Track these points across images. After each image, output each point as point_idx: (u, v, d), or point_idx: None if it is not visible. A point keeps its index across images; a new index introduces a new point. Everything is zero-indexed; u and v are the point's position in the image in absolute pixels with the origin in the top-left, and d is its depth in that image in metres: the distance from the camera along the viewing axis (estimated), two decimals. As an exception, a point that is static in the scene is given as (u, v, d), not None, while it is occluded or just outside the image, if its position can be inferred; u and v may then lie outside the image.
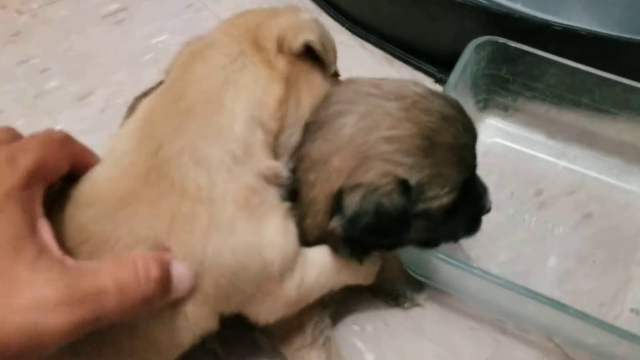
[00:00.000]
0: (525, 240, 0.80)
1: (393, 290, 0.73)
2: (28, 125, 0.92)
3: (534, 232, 0.81)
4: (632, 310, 0.74)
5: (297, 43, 0.54)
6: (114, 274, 0.42)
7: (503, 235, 0.81)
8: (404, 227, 0.55)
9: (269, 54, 0.54)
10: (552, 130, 0.91)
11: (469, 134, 0.58)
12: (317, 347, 0.65)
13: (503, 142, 0.91)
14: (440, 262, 0.66)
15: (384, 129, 0.53)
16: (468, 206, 0.60)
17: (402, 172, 0.53)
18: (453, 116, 0.56)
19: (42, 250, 0.41)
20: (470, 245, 0.79)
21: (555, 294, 0.73)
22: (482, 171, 0.85)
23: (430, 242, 0.62)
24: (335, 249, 0.58)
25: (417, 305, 0.74)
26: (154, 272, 0.43)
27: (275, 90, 0.52)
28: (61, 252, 0.43)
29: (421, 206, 0.55)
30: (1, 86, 0.98)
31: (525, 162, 0.89)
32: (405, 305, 0.74)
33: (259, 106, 0.51)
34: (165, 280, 0.44)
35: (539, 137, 0.91)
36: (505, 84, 0.90)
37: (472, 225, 0.64)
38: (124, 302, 0.42)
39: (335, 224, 0.54)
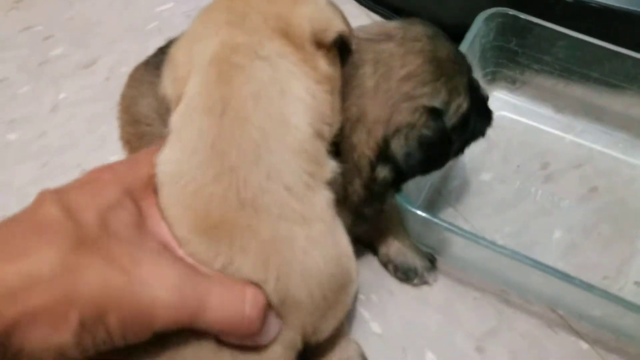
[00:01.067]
0: (531, 213, 0.80)
1: (404, 264, 0.73)
2: (32, 92, 0.92)
3: (540, 205, 0.81)
4: (635, 283, 0.75)
5: (330, 37, 0.51)
6: (222, 289, 0.43)
7: (508, 208, 0.81)
8: (449, 144, 0.63)
9: (306, 53, 0.50)
10: (559, 103, 0.90)
11: (449, 41, 0.64)
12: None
13: (510, 115, 0.91)
14: (446, 232, 0.66)
15: (397, 69, 0.58)
16: (476, 100, 0.66)
17: (427, 102, 0.58)
18: (433, 32, 0.63)
19: (165, 245, 0.44)
20: (475, 216, 0.79)
21: (560, 266, 0.73)
22: (488, 143, 0.86)
23: (461, 148, 0.69)
24: (383, 200, 0.63)
25: (426, 283, 0.74)
26: (259, 305, 0.44)
27: (326, 97, 0.51)
28: (182, 252, 0.45)
29: (453, 120, 0.61)
30: (4, 53, 0.97)
31: (532, 136, 0.88)
32: (415, 281, 0.74)
33: (319, 118, 0.50)
34: (263, 318, 0.45)
35: (546, 111, 0.91)
36: (514, 56, 0.89)
37: (486, 114, 0.70)
38: (221, 321, 0.42)
39: (384, 171, 0.59)
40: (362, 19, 1.06)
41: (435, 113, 0.59)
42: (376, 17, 1.06)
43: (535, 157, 0.86)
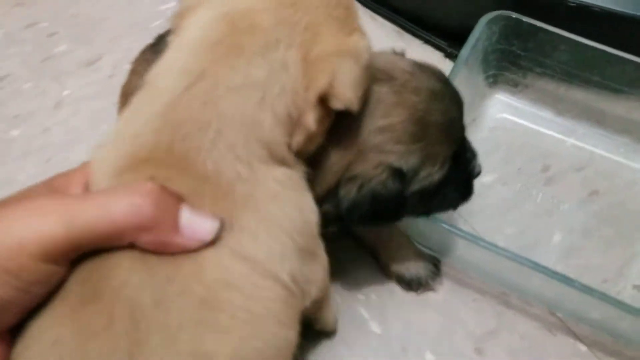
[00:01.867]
0: (532, 215, 0.81)
1: (407, 275, 0.73)
2: (36, 88, 0.92)
3: (541, 207, 0.82)
4: (635, 286, 0.75)
5: (335, 106, 0.48)
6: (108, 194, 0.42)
7: (510, 210, 0.81)
8: (400, 208, 0.58)
9: (309, 93, 0.47)
10: (561, 107, 0.91)
11: (457, 105, 0.60)
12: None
13: (512, 117, 0.91)
14: (447, 233, 0.67)
15: (378, 117, 0.55)
16: (459, 174, 0.62)
17: (395, 160, 0.55)
18: (441, 90, 0.58)
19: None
20: (476, 218, 0.79)
21: (560, 269, 0.73)
22: (490, 146, 0.86)
23: (424, 213, 0.64)
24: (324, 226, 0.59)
25: (431, 290, 0.74)
26: (153, 193, 0.41)
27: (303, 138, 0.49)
28: None
29: (416, 186, 0.57)
30: (8, 49, 0.97)
31: (534, 138, 0.89)
32: (419, 291, 0.74)
33: (286, 138, 0.48)
34: (162, 207, 0.41)
35: (547, 114, 0.91)
36: (516, 59, 0.90)
37: (464, 191, 0.65)
38: (118, 218, 0.40)
39: (327, 207, 0.56)
40: (365, 21, 1.06)
41: (397, 174, 0.55)
42: (380, 19, 1.06)
43: (537, 159, 0.86)
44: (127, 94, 0.74)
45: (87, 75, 0.94)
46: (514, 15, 0.85)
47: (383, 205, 0.56)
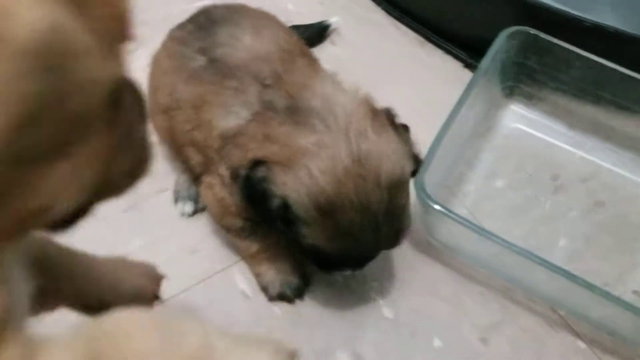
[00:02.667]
0: (539, 220, 0.86)
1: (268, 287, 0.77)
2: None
3: (548, 213, 0.86)
4: (634, 292, 0.79)
5: None
6: None
7: (518, 214, 0.86)
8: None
9: None
10: (572, 121, 0.96)
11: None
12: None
13: (525, 128, 0.96)
14: (460, 227, 0.72)
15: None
16: (330, 264, 0.68)
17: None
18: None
19: None
20: (486, 219, 0.84)
21: (563, 270, 0.78)
22: (503, 153, 0.91)
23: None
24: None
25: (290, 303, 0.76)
26: None
27: None
28: None
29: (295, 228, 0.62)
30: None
31: (545, 149, 0.94)
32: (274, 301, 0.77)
33: None
34: None
35: (559, 127, 0.96)
36: (532, 73, 0.95)
37: (323, 269, 0.70)
38: None
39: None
40: (389, 29, 1.12)
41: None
42: (403, 28, 1.12)
43: (547, 168, 0.91)
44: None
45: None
46: (532, 31, 0.90)
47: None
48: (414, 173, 0.67)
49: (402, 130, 0.66)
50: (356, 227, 0.60)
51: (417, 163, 0.67)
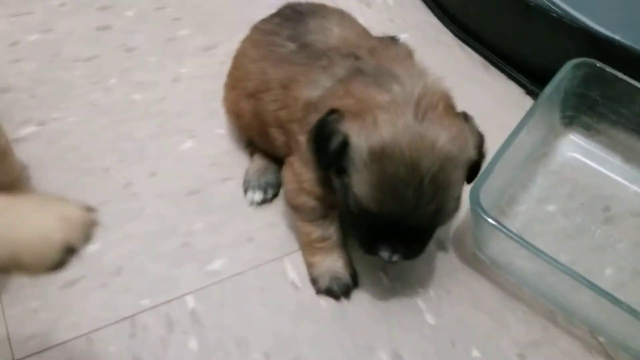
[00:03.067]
0: (587, 248, 0.87)
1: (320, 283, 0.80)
2: (159, 63, 1.05)
3: (596, 242, 0.88)
4: (677, 329, 0.80)
5: None
6: None
7: (567, 240, 0.87)
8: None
9: None
10: (629, 155, 0.96)
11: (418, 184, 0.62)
12: None
13: (581, 158, 0.97)
14: (509, 242, 0.74)
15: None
16: (371, 234, 0.68)
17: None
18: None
19: None
20: (535, 241, 0.85)
21: (608, 298, 0.80)
22: (557, 179, 0.93)
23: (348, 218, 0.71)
24: None
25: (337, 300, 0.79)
26: None
27: None
28: None
29: (346, 178, 0.65)
30: (140, 25, 1.10)
31: (599, 180, 0.95)
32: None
33: None
34: None
35: (615, 160, 0.97)
36: (594, 105, 0.96)
37: (365, 243, 0.70)
38: None
39: None
40: (456, 50, 1.15)
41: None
42: (469, 50, 1.15)
43: (599, 199, 0.92)
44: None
45: (203, 59, 1.06)
46: (598, 64, 0.92)
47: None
48: (470, 179, 0.70)
49: (474, 126, 0.68)
50: (400, 180, 0.61)
51: (479, 157, 0.68)
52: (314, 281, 0.80)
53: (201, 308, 0.77)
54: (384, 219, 0.64)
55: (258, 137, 0.85)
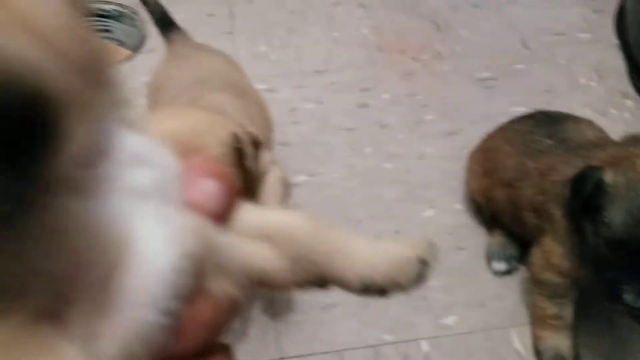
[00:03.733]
0: None
1: None
2: (406, 141, 1.22)
3: None
4: None
5: None
6: None
7: None
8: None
9: None
10: None
11: None
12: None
13: None
14: None
15: None
16: (617, 274, 0.74)
17: None
18: None
19: None
20: None
21: None
22: None
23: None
24: None
25: None
26: None
27: None
28: None
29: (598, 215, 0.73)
30: (393, 107, 1.30)
31: None
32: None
33: None
34: None
35: None
36: None
37: (609, 286, 0.75)
38: None
39: None
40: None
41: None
42: None
43: None
44: (483, 162, 1.00)
45: (446, 142, 1.21)
46: None
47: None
48: None
49: None
50: None
51: None
52: (537, 353, 0.86)
53: (435, 354, 0.87)
54: (633, 247, 0.71)
55: (509, 220, 0.96)
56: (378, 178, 1.14)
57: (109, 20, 1.46)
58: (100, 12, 1.46)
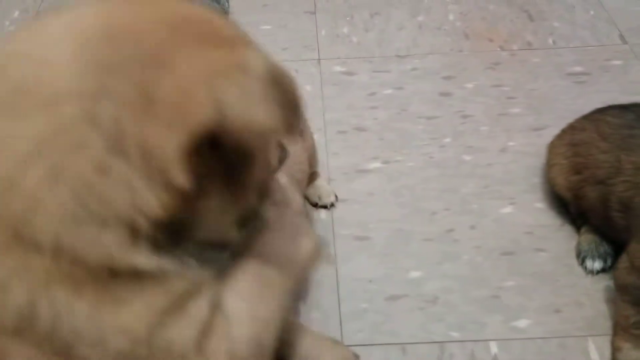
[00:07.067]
0: None
1: None
2: (489, 132, 1.16)
3: None
4: None
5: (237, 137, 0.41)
6: None
7: None
8: None
9: (168, 144, 0.38)
10: None
11: None
12: None
13: None
14: None
15: None
16: None
17: None
18: None
19: None
20: None
21: None
22: None
23: None
24: None
25: None
26: None
27: None
28: None
29: None
30: (477, 97, 1.24)
31: None
32: None
33: None
34: None
35: None
36: None
37: None
38: None
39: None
40: None
41: None
42: None
43: None
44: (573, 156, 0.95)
45: (531, 137, 1.15)
46: None
47: None
48: None
49: None
50: None
51: None
52: None
53: (504, 356, 0.83)
54: None
55: (599, 221, 0.90)
56: (456, 170, 1.10)
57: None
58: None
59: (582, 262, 0.92)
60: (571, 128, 1.01)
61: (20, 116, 0.37)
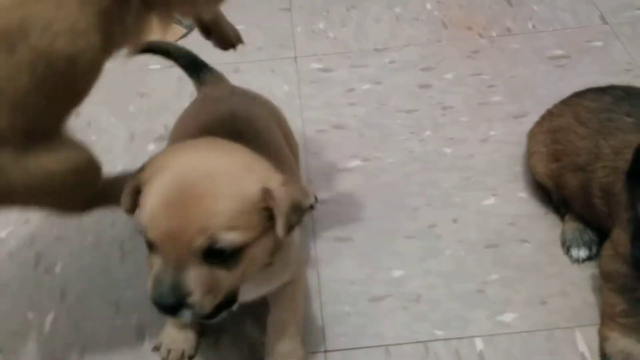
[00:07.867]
0: None
1: None
2: (469, 123, 1.14)
3: None
4: None
5: None
6: None
7: None
8: None
9: None
10: None
11: None
12: None
13: None
14: None
15: None
16: None
17: None
18: None
19: None
20: None
21: None
22: None
23: None
24: None
25: None
26: None
27: None
28: None
29: None
30: (456, 87, 1.22)
31: None
32: None
33: None
34: None
35: None
36: None
37: None
38: None
39: None
40: None
41: None
42: None
43: None
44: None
45: (512, 126, 1.13)
46: None
47: None
48: None
49: None
50: None
51: None
52: (604, 357, 0.79)
53: (489, 352, 0.82)
54: None
55: (581, 208, 0.89)
56: (437, 163, 1.08)
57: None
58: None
59: (567, 251, 0.91)
60: (549, 114, 0.99)
61: None
